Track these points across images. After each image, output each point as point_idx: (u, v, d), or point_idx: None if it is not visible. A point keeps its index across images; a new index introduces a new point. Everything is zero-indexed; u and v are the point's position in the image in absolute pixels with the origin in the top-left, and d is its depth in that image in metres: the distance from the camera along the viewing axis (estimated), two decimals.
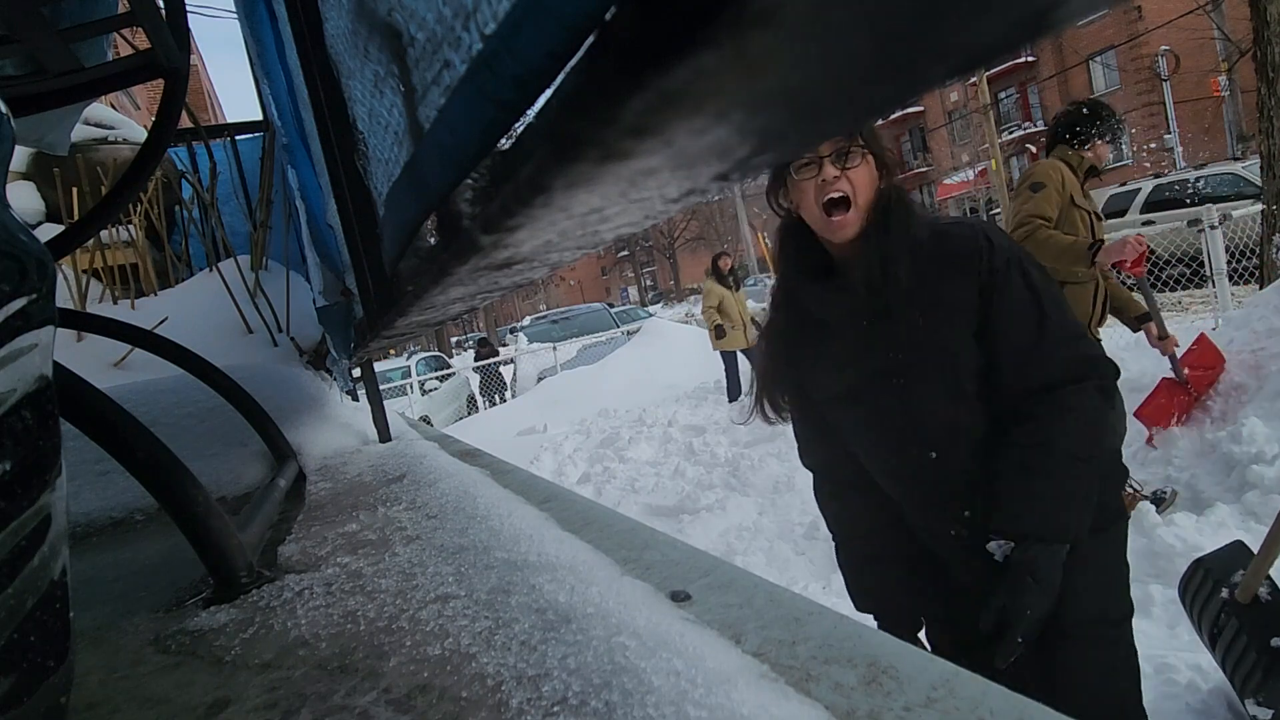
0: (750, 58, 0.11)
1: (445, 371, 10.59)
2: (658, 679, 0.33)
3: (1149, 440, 2.87)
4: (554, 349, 9.73)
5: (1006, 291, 0.96)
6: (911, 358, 0.99)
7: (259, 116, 2.18)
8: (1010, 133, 25.03)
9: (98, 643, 0.54)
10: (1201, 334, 2.98)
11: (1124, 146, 22.65)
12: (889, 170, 1.00)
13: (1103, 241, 2.17)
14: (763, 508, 3.39)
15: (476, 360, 11.23)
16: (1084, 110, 2.37)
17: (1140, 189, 9.15)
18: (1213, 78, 18.49)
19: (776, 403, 1.13)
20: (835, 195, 0.95)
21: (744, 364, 6.69)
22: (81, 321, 1.24)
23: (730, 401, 6.35)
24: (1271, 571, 1.39)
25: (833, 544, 1.19)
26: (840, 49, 0.12)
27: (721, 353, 6.63)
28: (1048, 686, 0.96)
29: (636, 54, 0.12)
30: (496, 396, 10.22)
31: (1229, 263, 4.68)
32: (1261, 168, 4.73)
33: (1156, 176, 9.36)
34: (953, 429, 0.99)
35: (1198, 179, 8.73)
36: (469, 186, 0.30)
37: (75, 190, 1.94)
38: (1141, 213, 8.63)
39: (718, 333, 6.58)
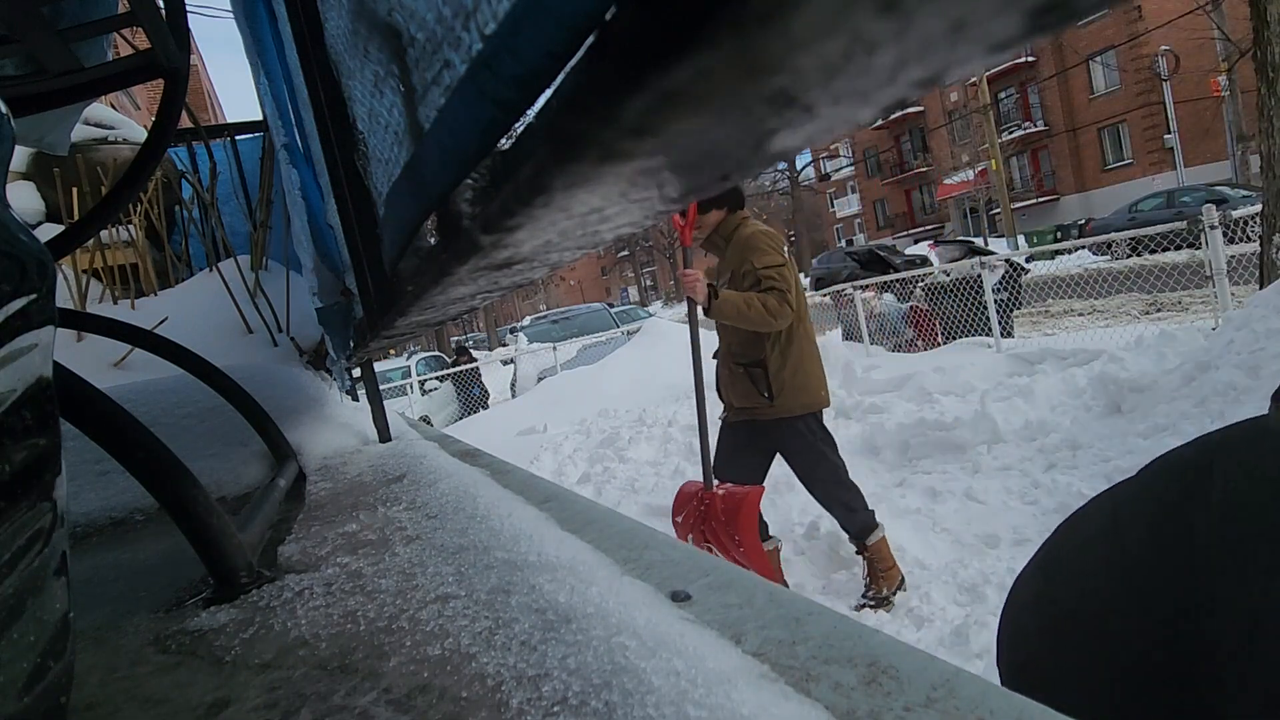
0: (750, 58, 0.11)
1: (445, 371, 10.49)
2: (658, 679, 0.33)
3: None
4: (554, 349, 9.68)
5: None
6: None
7: (259, 116, 2.18)
8: (1010, 133, 25.02)
9: (98, 643, 0.54)
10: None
11: (1124, 147, 22.64)
12: None
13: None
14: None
15: (451, 367, 10.22)
16: None
17: None
18: (1213, 78, 18.46)
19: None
20: None
21: None
22: (81, 321, 1.24)
23: None
24: None
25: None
26: (840, 48, 0.12)
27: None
28: None
29: (636, 54, 0.12)
30: (479, 408, 9.59)
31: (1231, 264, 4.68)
32: (1261, 168, 4.73)
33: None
34: None
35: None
36: (469, 186, 0.30)
37: (75, 190, 1.94)
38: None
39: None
